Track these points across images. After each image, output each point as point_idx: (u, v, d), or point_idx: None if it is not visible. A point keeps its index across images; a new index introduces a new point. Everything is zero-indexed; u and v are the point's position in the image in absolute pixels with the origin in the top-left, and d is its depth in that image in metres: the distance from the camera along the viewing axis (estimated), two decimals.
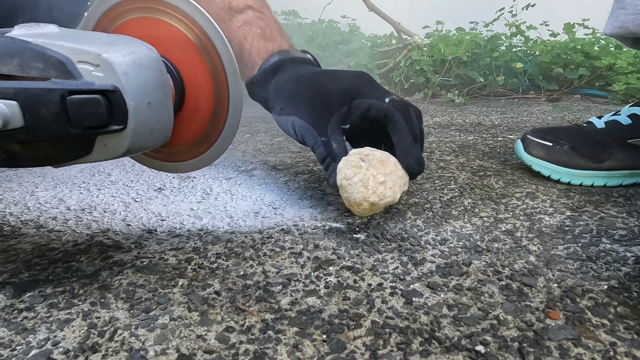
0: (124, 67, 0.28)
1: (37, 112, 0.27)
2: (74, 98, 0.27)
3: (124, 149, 0.31)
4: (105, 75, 0.28)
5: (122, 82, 0.28)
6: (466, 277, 0.37)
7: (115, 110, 0.28)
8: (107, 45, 0.29)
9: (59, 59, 0.27)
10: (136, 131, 0.30)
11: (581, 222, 0.48)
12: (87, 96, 0.27)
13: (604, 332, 0.30)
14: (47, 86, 0.27)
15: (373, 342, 0.30)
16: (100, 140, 0.30)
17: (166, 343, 0.30)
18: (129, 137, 0.30)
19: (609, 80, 1.43)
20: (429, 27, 1.69)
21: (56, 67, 0.27)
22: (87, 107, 0.27)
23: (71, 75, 0.27)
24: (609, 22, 0.54)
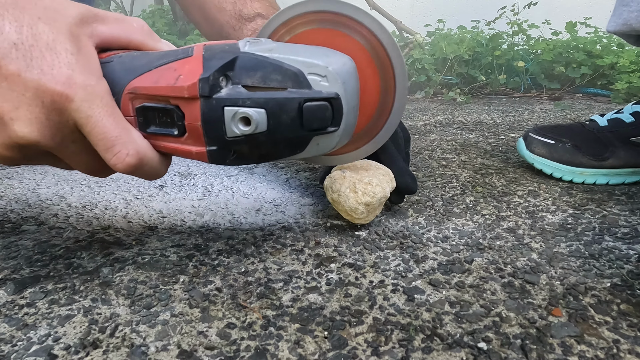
0: (343, 76, 0.32)
1: (279, 118, 0.31)
2: (309, 105, 0.31)
3: (331, 147, 0.35)
4: (330, 85, 0.32)
5: (342, 90, 0.32)
6: (468, 274, 0.37)
7: (335, 114, 0.32)
8: (328, 58, 0.33)
9: (294, 72, 0.31)
10: (343, 131, 0.34)
11: (583, 220, 0.48)
12: (319, 103, 0.31)
13: (607, 330, 0.30)
14: (289, 95, 0.31)
15: (375, 338, 0.30)
16: (315, 139, 0.34)
17: (167, 339, 0.29)
18: (338, 136, 0.34)
19: (611, 79, 1.42)
20: (431, 26, 1.69)
21: (292, 79, 0.31)
22: (317, 112, 0.32)
23: (304, 85, 0.31)
24: (612, 19, 0.54)
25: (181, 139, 0.31)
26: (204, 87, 0.29)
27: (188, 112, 0.30)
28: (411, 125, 1.03)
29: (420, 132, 0.94)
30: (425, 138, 0.88)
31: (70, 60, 0.28)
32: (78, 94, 0.27)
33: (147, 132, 0.32)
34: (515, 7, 1.50)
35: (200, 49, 0.32)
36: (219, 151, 0.31)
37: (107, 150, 0.29)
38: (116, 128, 0.29)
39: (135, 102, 0.31)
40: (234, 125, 0.30)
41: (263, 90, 0.31)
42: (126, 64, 0.31)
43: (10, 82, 0.26)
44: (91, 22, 0.30)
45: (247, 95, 0.30)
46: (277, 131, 0.31)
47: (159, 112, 0.31)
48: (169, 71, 0.30)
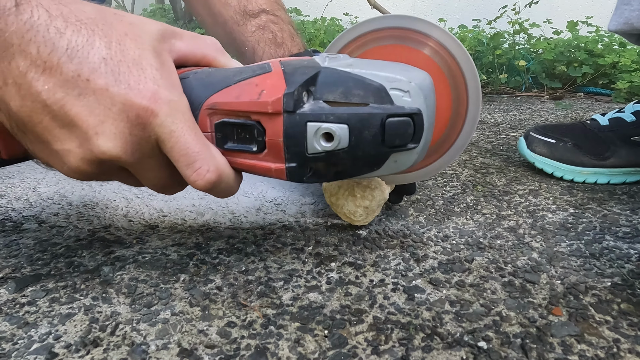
0: (425, 91, 0.31)
1: (361, 134, 0.30)
2: (392, 121, 0.30)
3: (409, 165, 0.33)
4: (413, 100, 0.31)
5: (424, 106, 0.31)
6: (468, 273, 0.37)
7: (417, 130, 0.31)
8: (408, 72, 0.32)
9: (376, 87, 0.30)
10: (422, 148, 0.33)
11: (584, 220, 0.48)
12: (401, 119, 0.30)
13: (607, 329, 0.30)
14: (372, 111, 0.30)
15: (375, 337, 0.30)
16: (393, 157, 0.32)
17: (168, 337, 0.30)
18: (417, 153, 0.33)
19: (612, 78, 1.42)
20: None
21: (374, 94, 0.30)
22: (400, 128, 0.30)
23: (387, 100, 0.30)
24: (613, 18, 0.54)
25: (259, 156, 0.31)
26: (288, 102, 0.29)
27: (270, 128, 0.30)
28: None
29: None
30: None
31: (155, 76, 0.28)
32: (162, 109, 0.28)
33: (225, 148, 0.31)
34: (516, 6, 1.50)
35: (278, 65, 0.31)
36: (297, 168, 0.31)
37: (189, 166, 0.29)
38: (197, 144, 0.29)
39: (214, 118, 0.31)
40: (315, 141, 0.30)
41: (345, 105, 0.30)
42: (203, 80, 0.31)
43: (98, 96, 0.26)
44: (170, 38, 0.31)
45: (330, 111, 0.30)
46: (358, 147, 0.30)
47: (239, 128, 0.31)
48: (250, 86, 0.30)
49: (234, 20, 0.56)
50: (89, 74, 0.26)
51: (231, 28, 0.56)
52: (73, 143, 0.27)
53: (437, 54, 0.38)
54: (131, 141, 0.28)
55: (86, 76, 0.26)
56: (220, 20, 0.58)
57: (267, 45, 0.54)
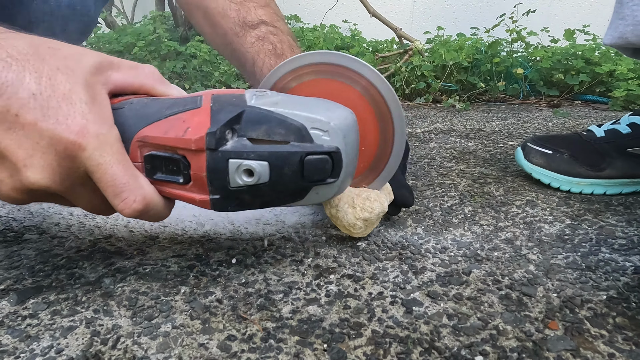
0: (344, 131, 0.34)
1: (281, 170, 0.32)
2: (310, 158, 0.32)
3: (330, 196, 0.36)
4: (331, 139, 0.33)
5: (342, 144, 0.33)
6: (466, 286, 0.38)
7: (335, 167, 0.34)
8: (330, 112, 0.34)
9: (297, 126, 0.32)
10: (343, 181, 0.35)
11: (581, 231, 0.49)
12: (320, 157, 0.33)
13: (603, 343, 0.31)
14: (291, 149, 0.32)
15: (373, 351, 0.30)
16: (314, 189, 0.35)
17: (168, 351, 0.30)
18: (337, 186, 0.35)
19: (609, 87, 1.43)
20: (430, 33, 1.70)
21: (295, 133, 0.32)
22: (318, 165, 0.33)
23: (307, 139, 0.32)
24: (608, 32, 0.54)
25: (186, 187, 0.33)
26: (210, 140, 0.30)
27: (194, 163, 0.31)
28: (410, 132, 1.03)
29: (420, 140, 0.95)
30: (424, 146, 0.89)
31: (84, 110, 0.29)
32: (90, 143, 0.29)
33: (154, 178, 0.33)
34: (514, 14, 1.51)
35: (208, 100, 0.33)
36: (221, 200, 0.33)
37: (116, 196, 0.31)
38: (124, 175, 0.30)
39: (144, 150, 0.32)
40: (237, 176, 0.32)
41: (267, 143, 0.32)
42: (137, 111, 0.33)
43: (26, 130, 0.28)
44: (106, 70, 0.32)
45: (252, 149, 0.31)
46: (279, 182, 0.32)
47: (166, 160, 0.32)
48: (178, 122, 0.32)
49: (233, 32, 0.56)
50: (18, 109, 0.27)
51: (231, 39, 0.57)
52: (4, 174, 0.29)
53: (368, 91, 0.41)
54: (60, 172, 0.29)
55: (15, 111, 0.27)
56: (219, 31, 0.58)
57: (266, 56, 0.54)
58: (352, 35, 1.79)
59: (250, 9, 0.57)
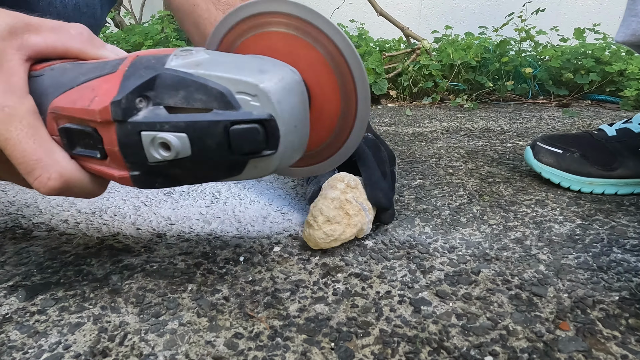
0: (277, 95, 0.29)
1: (203, 143, 0.28)
2: (236, 128, 0.28)
3: (272, 169, 0.32)
4: (262, 105, 0.29)
5: (276, 111, 0.29)
6: (475, 286, 0.37)
7: (270, 137, 0.29)
8: (261, 74, 0.30)
9: (220, 91, 0.28)
10: (284, 153, 0.31)
11: (592, 231, 0.48)
12: (248, 126, 0.28)
13: (615, 345, 0.30)
14: (213, 118, 0.28)
15: (381, 350, 0.30)
16: (252, 162, 0.31)
17: (175, 348, 0.30)
18: (277, 159, 0.31)
19: (620, 86, 1.41)
20: (438, 32, 1.69)
21: (217, 99, 0.28)
22: (247, 136, 0.29)
23: (231, 106, 0.28)
24: (620, 29, 0.54)
25: (105, 162, 0.30)
26: (116, 110, 0.27)
27: (105, 136, 0.28)
28: (418, 132, 1.03)
29: (427, 139, 0.94)
30: (432, 145, 0.88)
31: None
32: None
33: (74, 153, 0.30)
34: (523, 13, 1.50)
35: (127, 63, 0.29)
36: (143, 176, 0.30)
37: (28, 174, 0.28)
38: (36, 151, 0.28)
39: (59, 122, 0.29)
40: (153, 150, 0.28)
41: (187, 111, 0.28)
42: (55, 79, 0.30)
43: None
44: (21, 32, 0.29)
45: (166, 119, 0.28)
46: (204, 156, 0.29)
47: (81, 134, 0.29)
48: (87, 91, 0.28)
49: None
50: None
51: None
52: None
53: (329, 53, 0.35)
54: None
55: None
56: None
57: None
58: (359, 34, 1.79)
59: None
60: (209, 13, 0.55)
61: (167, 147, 0.28)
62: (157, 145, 0.28)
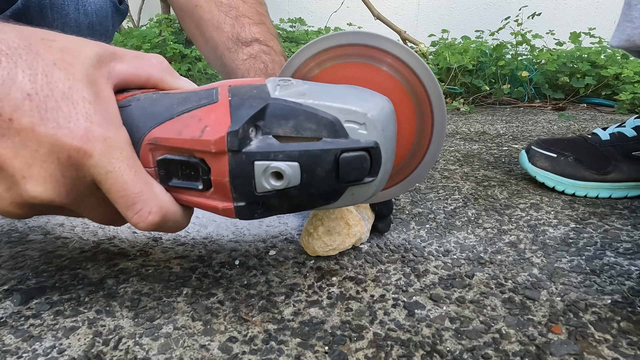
0: (382, 124, 0.29)
1: (314, 171, 0.28)
2: (346, 156, 0.28)
3: (367, 197, 0.32)
4: (369, 133, 0.29)
5: (381, 138, 0.29)
6: (469, 289, 0.37)
7: (374, 164, 0.30)
8: (365, 103, 0.30)
9: (330, 120, 0.28)
10: (381, 180, 0.32)
11: (585, 235, 0.48)
12: (356, 154, 0.28)
13: (607, 348, 0.30)
14: (324, 147, 0.28)
15: (375, 354, 0.30)
16: (350, 190, 0.31)
17: (170, 352, 0.30)
18: (375, 186, 0.31)
19: (615, 90, 1.42)
20: (435, 36, 1.70)
21: (327, 128, 0.28)
22: (355, 163, 0.29)
23: (341, 134, 0.28)
24: (615, 34, 0.54)
25: (206, 194, 0.29)
26: (232, 141, 0.27)
27: (215, 167, 0.28)
28: None
29: None
30: None
31: (89, 111, 0.26)
32: (97, 149, 0.25)
33: (169, 185, 0.29)
34: (519, 17, 1.51)
35: (225, 93, 0.29)
36: (247, 207, 0.29)
37: (129, 208, 0.27)
38: (137, 183, 0.27)
39: (156, 154, 0.28)
40: (264, 180, 0.28)
41: (296, 140, 0.28)
42: (146, 109, 0.29)
43: (23, 137, 0.24)
44: (108, 61, 0.29)
45: (280, 148, 0.27)
46: (311, 184, 0.29)
47: (182, 165, 0.29)
48: (193, 121, 0.28)
49: (225, 46, 0.55)
50: (12, 113, 0.24)
51: (222, 53, 0.55)
52: (1, 187, 0.26)
53: (397, 71, 0.35)
54: (64, 183, 0.26)
55: (8, 115, 0.24)
56: (211, 43, 0.57)
57: (257, 75, 0.52)
58: None
59: (244, 25, 0.55)
60: (211, 15, 0.55)
61: (279, 177, 0.28)
62: (269, 175, 0.28)
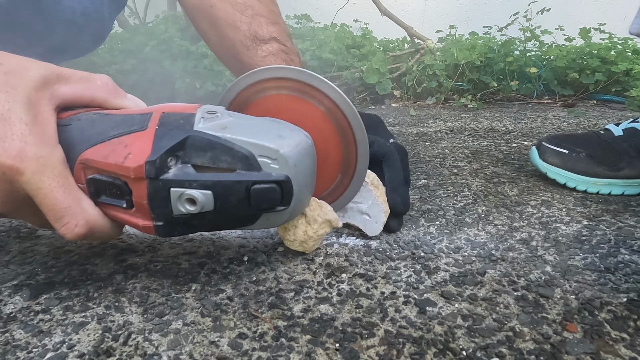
0: (294, 159, 0.33)
1: (227, 199, 0.31)
2: (257, 188, 0.31)
3: (282, 222, 0.36)
4: (280, 167, 0.32)
5: (292, 173, 0.32)
6: (481, 286, 0.37)
7: (285, 195, 0.33)
8: (281, 140, 0.33)
9: (244, 154, 0.31)
10: (294, 208, 0.35)
11: (598, 232, 0.47)
12: (267, 186, 0.32)
13: (624, 347, 0.30)
14: (237, 178, 0.31)
15: (386, 352, 0.29)
16: (264, 216, 0.34)
17: (179, 348, 0.30)
18: (288, 213, 0.34)
19: (626, 86, 1.40)
20: (442, 32, 1.68)
21: (242, 161, 0.31)
22: (266, 194, 0.32)
23: (254, 167, 0.31)
24: (635, 21, 0.53)
25: (130, 212, 0.32)
26: (150, 169, 0.29)
27: (135, 190, 0.30)
28: (422, 132, 1.02)
29: (432, 139, 0.94)
30: (436, 145, 0.88)
31: (24, 132, 0.28)
32: (29, 167, 0.28)
33: (99, 200, 0.32)
34: (528, 13, 1.49)
35: (155, 121, 0.32)
36: (166, 226, 0.32)
37: (57, 221, 0.30)
38: (66, 199, 0.30)
39: (87, 172, 0.31)
40: (180, 204, 0.31)
41: (212, 170, 0.31)
42: (84, 130, 0.32)
43: None
44: (53, 83, 0.31)
45: (195, 177, 0.30)
46: (225, 210, 0.31)
47: (109, 185, 0.31)
48: (120, 146, 0.31)
49: (242, 44, 0.55)
50: None
51: (238, 51, 0.55)
52: None
53: (332, 112, 0.40)
54: (1, 195, 0.29)
55: None
56: (227, 42, 0.56)
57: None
58: (363, 34, 1.79)
59: (262, 24, 0.56)
60: (226, 13, 0.56)
61: (193, 202, 0.31)
62: (184, 201, 0.31)
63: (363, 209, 0.45)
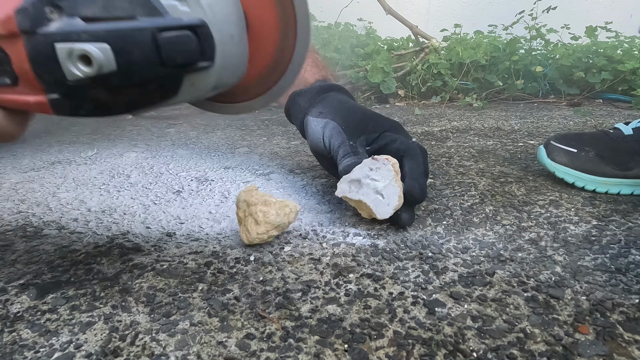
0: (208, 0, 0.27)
1: (130, 54, 0.26)
2: (165, 35, 0.26)
3: (210, 87, 0.30)
4: (192, 10, 0.27)
5: (208, 16, 0.27)
6: (490, 287, 0.36)
7: (205, 46, 0.27)
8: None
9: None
10: (222, 66, 0.29)
11: (608, 232, 0.47)
12: (178, 32, 0.26)
13: (637, 349, 0.29)
14: (137, 25, 0.25)
15: (396, 353, 0.29)
16: (188, 79, 0.28)
17: (187, 349, 0.29)
18: (216, 73, 0.29)
19: (632, 85, 1.39)
20: (447, 30, 1.67)
21: (141, 5, 0.26)
22: (178, 44, 0.26)
23: (158, 12, 0.26)
24: None
25: (17, 89, 0.26)
26: (23, 20, 0.24)
27: (13, 54, 0.25)
28: (427, 131, 1.02)
29: (437, 139, 0.93)
30: (442, 144, 0.87)
31: None
32: None
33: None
34: (533, 11, 1.48)
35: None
36: (63, 100, 0.26)
37: None
38: None
39: None
40: (72, 65, 0.25)
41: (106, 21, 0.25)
42: None
43: None
44: None
45: (83, 28, 0.25)
46: (132, 70, 0.26)
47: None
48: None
49: None
50: None
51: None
52: None
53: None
54: None
55: None
56: None
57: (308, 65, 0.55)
58: (367, 33, 1.78)
59: None
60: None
61: (89, 61, 0.25)
62: (76, 59, 0.25)
63: (379, 188, 0.45)
